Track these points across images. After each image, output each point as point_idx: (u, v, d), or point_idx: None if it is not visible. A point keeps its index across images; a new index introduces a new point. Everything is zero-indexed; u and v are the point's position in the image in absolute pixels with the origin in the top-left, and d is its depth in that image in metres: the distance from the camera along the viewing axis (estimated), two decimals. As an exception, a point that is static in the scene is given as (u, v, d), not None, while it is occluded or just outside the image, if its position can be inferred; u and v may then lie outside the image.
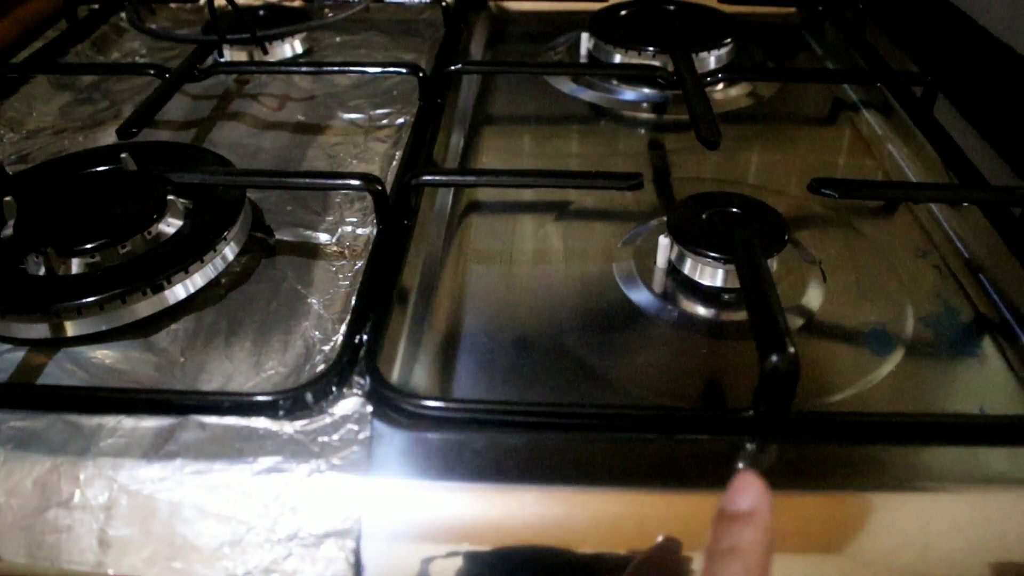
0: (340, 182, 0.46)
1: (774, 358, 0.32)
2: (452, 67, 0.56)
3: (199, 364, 0.40)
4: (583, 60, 0.68)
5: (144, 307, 0.42)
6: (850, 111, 0.62)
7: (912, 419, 0.34)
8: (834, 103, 0.63)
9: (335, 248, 0.47)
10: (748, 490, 0.23)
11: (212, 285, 0.44)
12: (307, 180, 0.45)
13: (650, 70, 0.57)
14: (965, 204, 0.48)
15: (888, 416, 0.35)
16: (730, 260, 0.41)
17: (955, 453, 0.34)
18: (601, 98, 0.63)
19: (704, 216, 0.44)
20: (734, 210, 0.44)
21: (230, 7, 0.59)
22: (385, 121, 0.59)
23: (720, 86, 0.64)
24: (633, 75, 0.61)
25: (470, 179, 0.46)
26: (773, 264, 0.44)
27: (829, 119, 0.62)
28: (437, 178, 0.45)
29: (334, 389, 0.36)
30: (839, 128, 0.61)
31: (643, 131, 0.60)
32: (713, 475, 0.33)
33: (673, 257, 0.44)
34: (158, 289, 0.41)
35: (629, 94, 0.63)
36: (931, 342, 0.42)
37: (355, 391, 0.36)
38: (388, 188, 0.46)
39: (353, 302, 0.40)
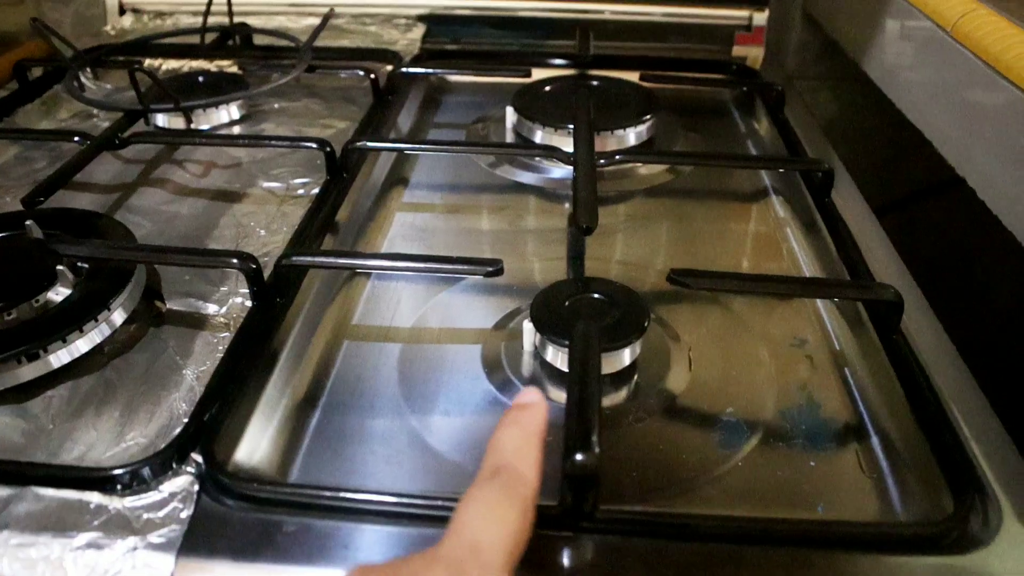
0: (216, 260, 0.47)
1: (578, 457, 0.33)
2: (354, 144, 0.58)
3: (66, 432, 0.42)
4: (508, 134, 0.69)
5: (23, 373, 0.43)
6: (760, 189, 0.64)
7: (718, 521, 0.35)
8: (749, 181, 0.65)
9: (221, 319, 0.48)
10: (531, 394, 0.32)
11: (95, 353, 0.46)
12: (185, 257, 0.47)
13: (550, 151, 0.59)
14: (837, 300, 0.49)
15: (691, 517, 0.36)
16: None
17: (785, 554, 0.34)
18: (522, 174, 0.65)
19: (567, 303, 0.45)
20: (597, 296, 0.45)
21: (153, 81, 0.61)
22: (301, 191, 0.61)
23: (639, 164, 0.66)
24: (535, 155, 0.62)
25: (338, 261, 0.48)
26: (636, 349, 0.45)
27: (742, 197, 0.64)
28: (306, 259, 0.47)
29: (173, 466, 0.37)
30: (749, 206, 0.62)
31: (564, 207, 0.61)
32: (525, 564, 0.33)
33: (537, 343, 0.45)
34: (33, 357, 0.43)
35: (553, 171, 0.65)
36: (786, 435, 0.43)
37: (190, 469, 0.37)
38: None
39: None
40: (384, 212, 0.60)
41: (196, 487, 0.36)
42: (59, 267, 0.47)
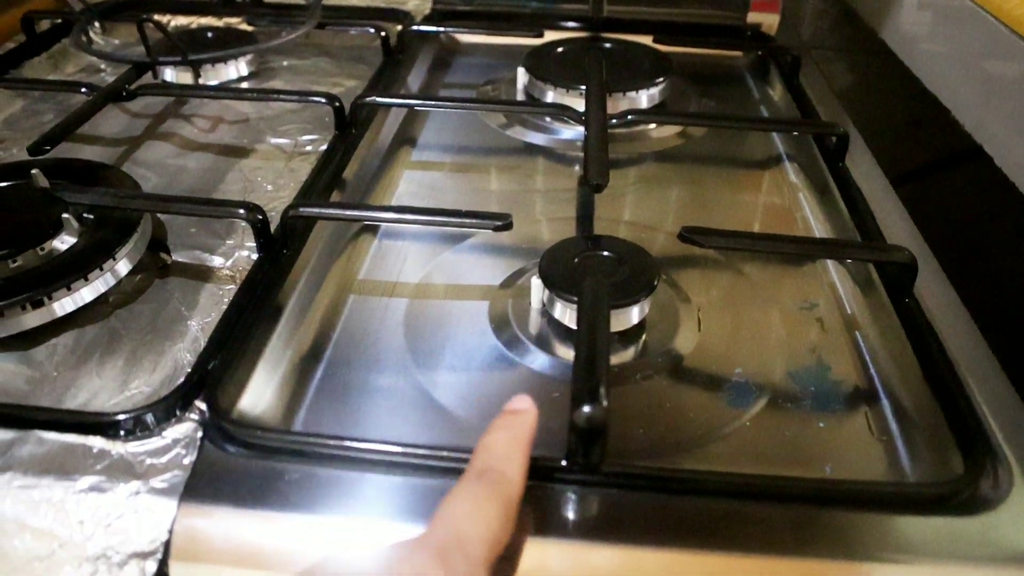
0: (223, 210, 0.47)
1: (585, 409, 0.33)
2: (363, 99, 0.57)
3: (70, 380, 0.42)
4: (519, 95, 0.69)
5: (27, 320, 0.43)
6: (774, 155, 0.63)
7: (723, 477, 0.35)
8: (761, 147, 0.64)
9: (227, 272, 0.48)
10: (523, 400, 0.33)
11: (100, 302, 0.46)
12: (192, 206, 0.47)
13: (561, 109, 0.58)
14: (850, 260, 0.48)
15: (697, 473, 0.35)
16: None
17: (791, 513, 0.34)
18: (533, 135, 0.64)
19: (576, 260, 0.45)
20: (606, 254, 0.45)
21: (162, 33, 0.61)
22: (309, 148, 0.61)
23: (653, 126, 0.65)
24: (546, 113, 0.62)
25: (346, 213, 0.47)
26: (645, 308, 0.44)
27: (754, 162, 0.63)
28: (314, 211, 0.46)
29: (177, 413, 0.37)
30: (762, 172, 0.62)
31: (574, 169, 0.61)
32: (534, 519, 0.33)
33: (545, 299, 0.45)
34: (38, 304, 0.43)
35: (564, 132, 0.64)
36: (795, 397, 0.42)
37: (193, 416, 0.37)
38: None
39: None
40: (392, 170, 0.59)
41: (199, 434, 0.36)
42: (64, 215, 0.47)
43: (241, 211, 0.45)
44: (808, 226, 0.55)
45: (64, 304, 0.44)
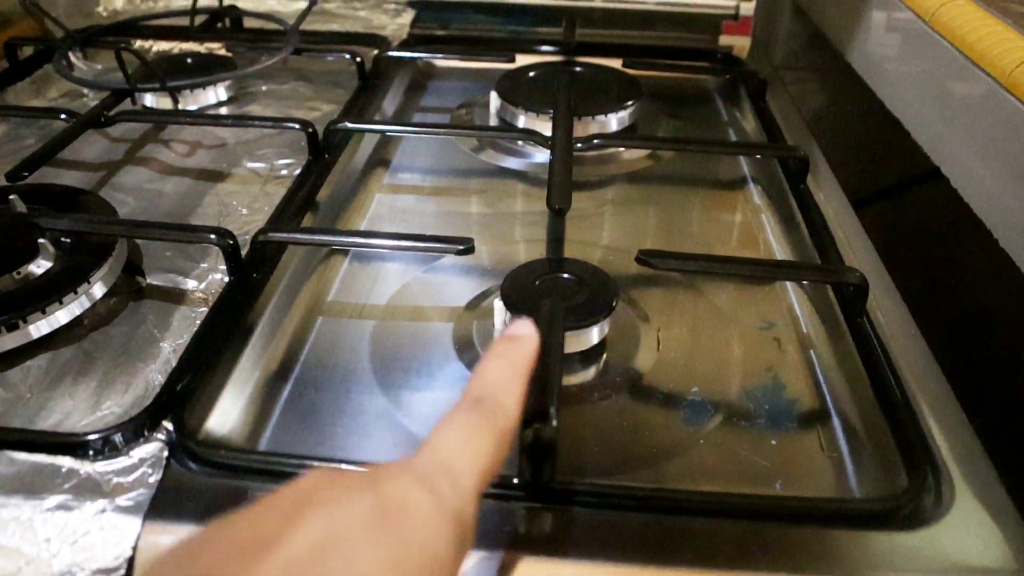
0: (195, 235, 0.48)
1: (535, 428, 0.34)
2: (336, 124, 0.59)
3: (43, 401, 0.43)
4: (492, 119, 0.70)
5: (2, 343, 0.44)
6: (739, 177, 0.64)
7: (670, 494, 0.36)
8: (728, 168, 0.65)
9: (200, 295, 0.49)
10: (524, 325, 0.32)
11: (75, 325, 0.47)
12: (164, 231, 0.48)
13: (529, 134, 0.60)
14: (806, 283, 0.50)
15: (645, 490, 0.37)
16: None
17: (738, 528, 0.35)
18: (506, 159, 0.65)
19: (537, 283, 0.46)
20: (567, 276, 0.46)
21: (140, 61, 0.62)
22: (284, 172, 0.62)
23: (622, 149, 0.67)
24: (514, 138, 0.63)
25: (313, 238, 0.49)
26: (605, 328, 0.46)
27: (721, 183, 0.64)
28: (282, 236, 0.48)
29: (146, 433, 0.38)
30: (728, 193, 0.63)
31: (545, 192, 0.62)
32: (485, 535, 0.34)
33: (507, 320, 0.46)
34: (12, 327, 0.44)
35: (536, 156, 0.65)
36: (750, 414, 0.44)
37: (160, 436, 0.38)
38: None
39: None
40: (365, 194, 0.60)
41: (166, 453, 0.37)
42: (41, 240, 0.48)
43: (212, 236, 0.46)
44: (769, 247, 0.56)
45: (39, 327, 0.45)
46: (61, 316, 0.46)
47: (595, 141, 0.59)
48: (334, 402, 0.43)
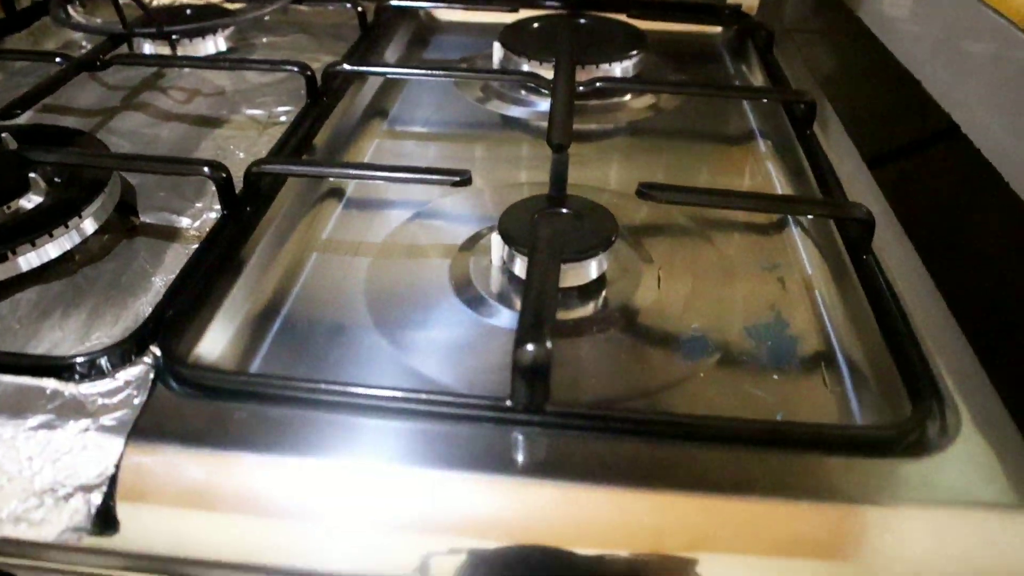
0: (188, 167, 0.47)
1: (528, 348, 0.33)
2: (335, 67, 0.58)
3: (32, 332, 0.42)
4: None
5: (-8, 275, 0.44)
6: (747, 133, 0.63)
7: (666, 418, 0.35)
8: (735, 122, 0.64)
9: (194, 233, 0.49)
10: None
11: (66, 259, 0.46)
12: (157, 164, 0.47)
13: (530, 77, 0.59)
14: (810, 217, 0.49)
15: (640, 413, 0.36)
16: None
17: (739, 455, 0.34)
18: (511, 108, 0.64)
19: (535, 217, 0.45)
20: (565, 211, 0.45)
21: (139, 5, 0.61)
22: (284, 118, 0.61)
23: (628, 97, 0.65)
24: (514, 81, 0.62)
25: (307, 169, 0.48)
26: (603, 263, 0.45)
27: (727, 137, 0.63)
28: (276, 167, 0.47)
29: (132, 358, 0.37)
30: (733, 147, 0.62)
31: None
32: (477, 457, 0.33)
33: (505, 256, 0.45)
34: (2, 259, 0.43)
35: (541, 104, 0.64)
36: (751, 350, 0.43)
37: (147, 360, 0.37)
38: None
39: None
40: (364, 140, 0.59)
41: (152, 375, 0.36)
42: (32, 175, 0.47)
43: (206, 169, 0.45)
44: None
45: (29, 259, 0.44)
46: (51, 250, 0.45)
47: (598, 84, 0.58)
48: (326, 334, 0.42)
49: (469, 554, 0.32)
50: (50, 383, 0.36)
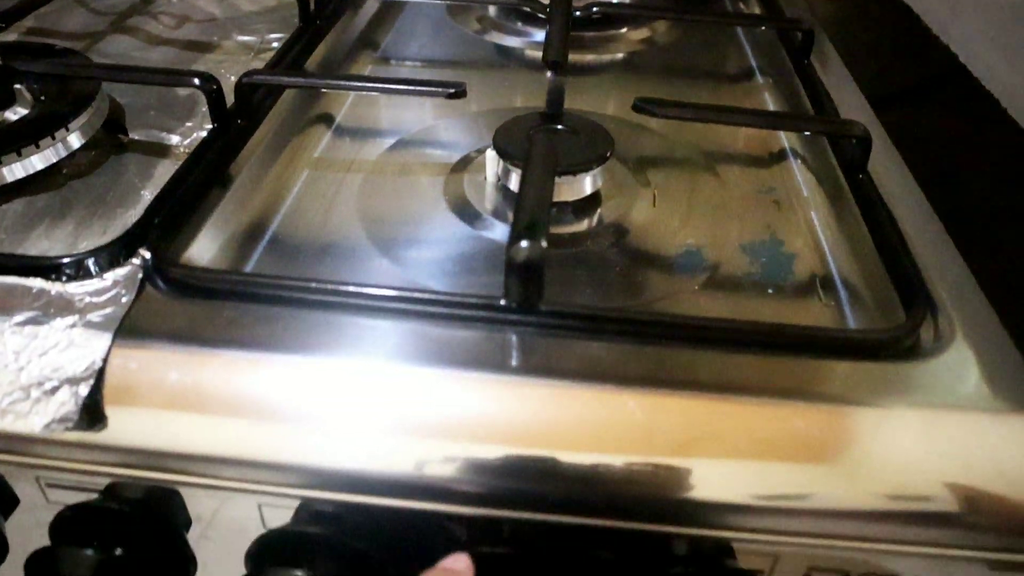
0: (177, 79, 0.47)
1: (522, 244, 0.32)
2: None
3: (18, 241, 0.41)
4: (491, 9, 0.68)
5: (-24, 185, 0.43)
6: (746, 71, 0.62)
7: (657, 318, 0.35)
8: (731, 56, 0.63)
9: (184, 150, 0.48)
10: (460, 560, 0.30)
11: (53, 172, 0.45)
12: (145, 75, 0.46)
13: (528, 2, 0.58)
14: (807, 133, 0.48)
15: (635, 313, 0.35)
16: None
17: (726, 356, 0.34)
18: (509, 39, 0.64)
19: (531, 132, 0.44)
20: (561, 127, 0.45)
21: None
22: (276, 44, 0.60)
23: (624, 29, 0.65)
24: (510, 5, 0.61)
25: (299, 80, 0.47)
26: (598, 179, 0.44)
27: (727, 77, 0.62)
28: (267, 78, 0.46)
29: (121, 260, 0.37)
30: (730, 79, 0.61)
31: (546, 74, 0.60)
32: (470, 355, 0.33)
33: (500, 171, 0.45)
34: (-14, 169, 0.43)
35: (538, 35, 0.63)
36: (746, 265, 0.42)
37: (136, 261, 0.37)
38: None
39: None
40: (357, 66, 0.59)
41: (140, 276, 0.36)
42: (17, 87, 0.47)
43: (196, 80, 0.45)
44: (776, 136, 0.54)
45: (14, 170, 0.43)
46: (37, 161, 0.44)
47: (594, 10, 0.57)
48: (318, 244, 0.41)
49: (462, 453, 0.32)
50: (36, 282, 0.36)
